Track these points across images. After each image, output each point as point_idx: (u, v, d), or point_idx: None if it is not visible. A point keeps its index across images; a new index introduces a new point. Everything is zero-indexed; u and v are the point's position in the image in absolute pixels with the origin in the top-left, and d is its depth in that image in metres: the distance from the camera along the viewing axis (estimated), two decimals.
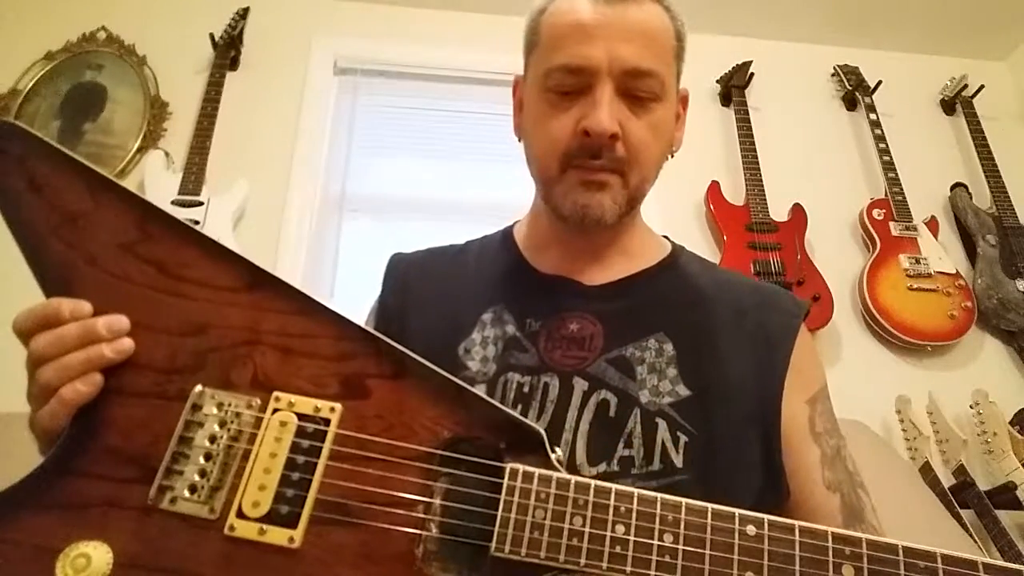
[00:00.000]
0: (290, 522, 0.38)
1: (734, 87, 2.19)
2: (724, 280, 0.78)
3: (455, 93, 2.15)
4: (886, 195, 2.05)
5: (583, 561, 0.38)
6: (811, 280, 1.86)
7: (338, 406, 0.41)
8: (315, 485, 0.39)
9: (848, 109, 2.31)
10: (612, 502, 0.40)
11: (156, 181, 1.85)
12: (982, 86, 2.25)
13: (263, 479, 0.39)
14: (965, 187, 2.13)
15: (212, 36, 2.04)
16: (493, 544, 0.39)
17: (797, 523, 0.41)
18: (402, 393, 0.42)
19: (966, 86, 2.26)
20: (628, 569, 0.38)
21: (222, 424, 0.41)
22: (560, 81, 0.67)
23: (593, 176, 0.67)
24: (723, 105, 2.24)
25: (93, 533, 0.37)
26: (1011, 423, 1.69)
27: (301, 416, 0.41)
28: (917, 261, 1.92)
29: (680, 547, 0.39)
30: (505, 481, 0.40)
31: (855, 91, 2.24)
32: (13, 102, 1.97)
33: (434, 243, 0.87)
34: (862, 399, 1.76)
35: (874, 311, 1.87)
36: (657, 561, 0.38)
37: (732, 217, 1.98)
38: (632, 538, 0.39)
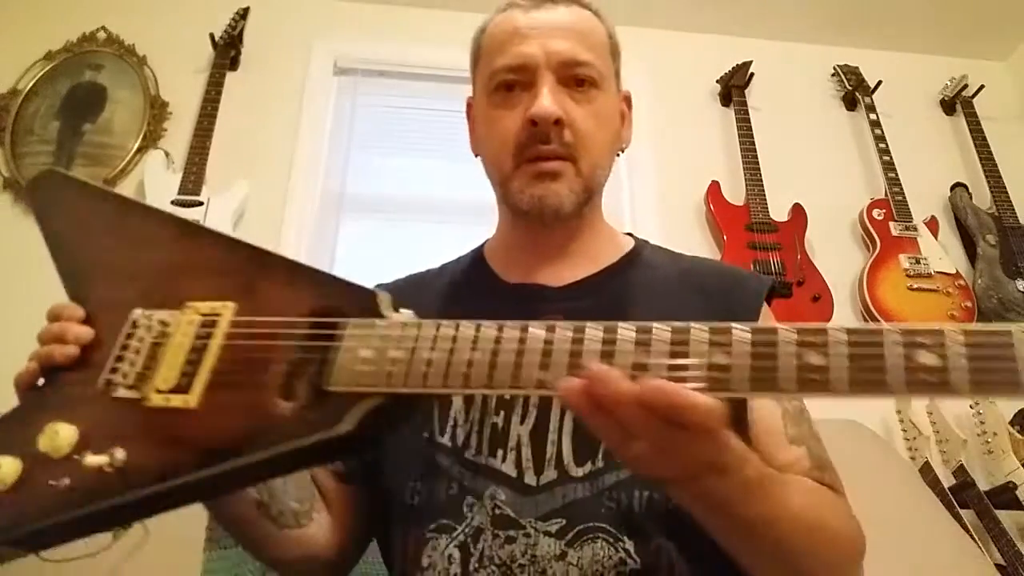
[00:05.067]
0: (190, 389, 0.51)
1: (734, 87, 2.19)
2: (689, 267, 0.79)
3: (455, 93, 2.14)
4: (886, 195, 2.05)
5: (413, 383, 0.46)
6: (811, 280, 1.87)
7: (231, 304, 0.55)
8: (209, 360, 0.52)
9: (848, 109, 2.31)
10: (430, 333, 0.48)
11: (156, 181, 1.85)
12: (982, 86, 2.25)
13: (174, 363, 0.53)
14: (965, 187, 2.13)
15: (212, 36, 2.04)
16: (334, 381, 0.48)
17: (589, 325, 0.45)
18: (281, 288, 0.55)
19: (966, 86, 2.26)
20: (433, 382, 0.45)
21: (148, 330, 0.56)
22: (503, 79, 0.72)
23: (546, 166, 0.70)
24: (723, 105, 2.24)
25: (64, 417, 0.52)
26: (1011, 423, 1.69)
27: (205, 314, 0.55)
28: (917, 261, 1.92)
29: (483, 360, 0.45)
30: (341, 331, 0.50)
31: (855, 91, 2.24)
32: (13, 102, 1.97)
33: (415, 269, 0.89)
34: (862, 399, 1.76)
35: (874, 311, 1.86)
36: (464, 373, 0.45)
37: (732, 217, 1.98)
38: (441, 360, 0.46)
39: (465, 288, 0.80)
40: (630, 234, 0.85)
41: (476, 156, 0.81)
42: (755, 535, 0.52)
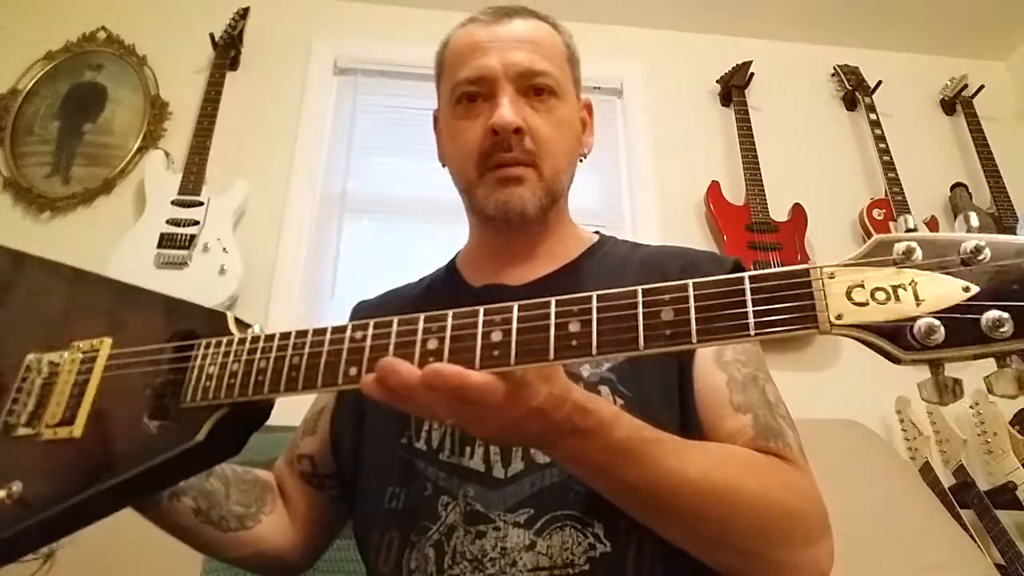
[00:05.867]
0: (74, 421, 0.57)
1: (734, 87, 2.19)
2: (651, 253, 0.79)
3: None
4: (886, 195, 2.05)
5: (249, 391, 0.52)
6: None
7: (108, 339, 0.61)
8: (90, 392, 0.58)
9: (848, 109, 2.31)
10: (265, 344, 0.53)
11: (156, 181, 1.85)
12: (982, 86, 2.25)
13: (60, 399, 0.59)
14: (965, 187, 2.13)
15: (212, 36, 2.04)
16: (187, 398, 0.54)
17: (371, 321, 0.49)
18: (146, 318, 0.62)
19: (966, 86, 2.26)
20: (267, 389, 0.51)
21: (38, 372, 0.62)
22: (464, 91, 0.75)
23: (509, 171, 0.73)
24: (723, 105, 2.24)
25: None
26: (1011, 423, 1.69)
27: (85, 351, 0.61)
28: None
29: (303, 364, 0.51)
30: (193, 352, 0.56)
31: (855, 91, 2.24)
32: (13, 102, 1.97)
33: (395, 285, 0.90)
34: (862, 399, 1.76)
35: None
36: (289, 377, 0.51)
37: (732, 217, 1.98)
38: (270, 367, 0.52)
39: (435, 296, 0.82)
40: (599, 232, 0.86)
41: (443, 167, 0.83)
42: (639, 499, 0.53)
